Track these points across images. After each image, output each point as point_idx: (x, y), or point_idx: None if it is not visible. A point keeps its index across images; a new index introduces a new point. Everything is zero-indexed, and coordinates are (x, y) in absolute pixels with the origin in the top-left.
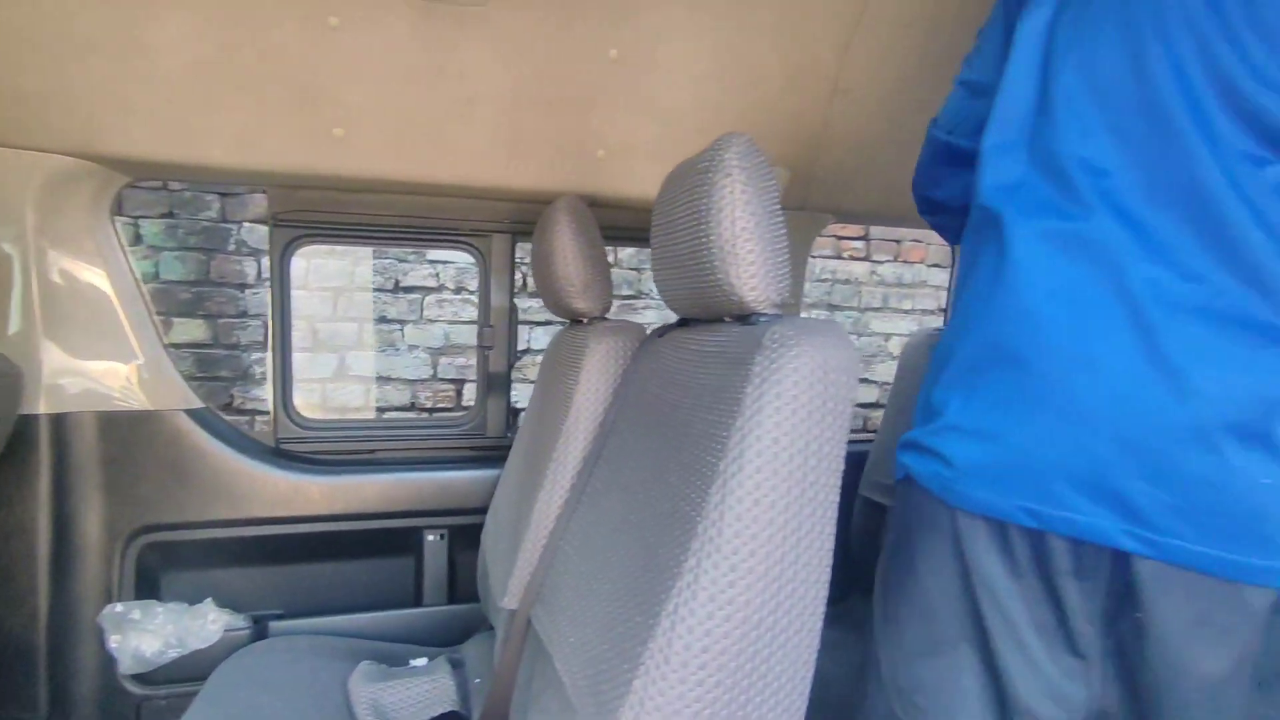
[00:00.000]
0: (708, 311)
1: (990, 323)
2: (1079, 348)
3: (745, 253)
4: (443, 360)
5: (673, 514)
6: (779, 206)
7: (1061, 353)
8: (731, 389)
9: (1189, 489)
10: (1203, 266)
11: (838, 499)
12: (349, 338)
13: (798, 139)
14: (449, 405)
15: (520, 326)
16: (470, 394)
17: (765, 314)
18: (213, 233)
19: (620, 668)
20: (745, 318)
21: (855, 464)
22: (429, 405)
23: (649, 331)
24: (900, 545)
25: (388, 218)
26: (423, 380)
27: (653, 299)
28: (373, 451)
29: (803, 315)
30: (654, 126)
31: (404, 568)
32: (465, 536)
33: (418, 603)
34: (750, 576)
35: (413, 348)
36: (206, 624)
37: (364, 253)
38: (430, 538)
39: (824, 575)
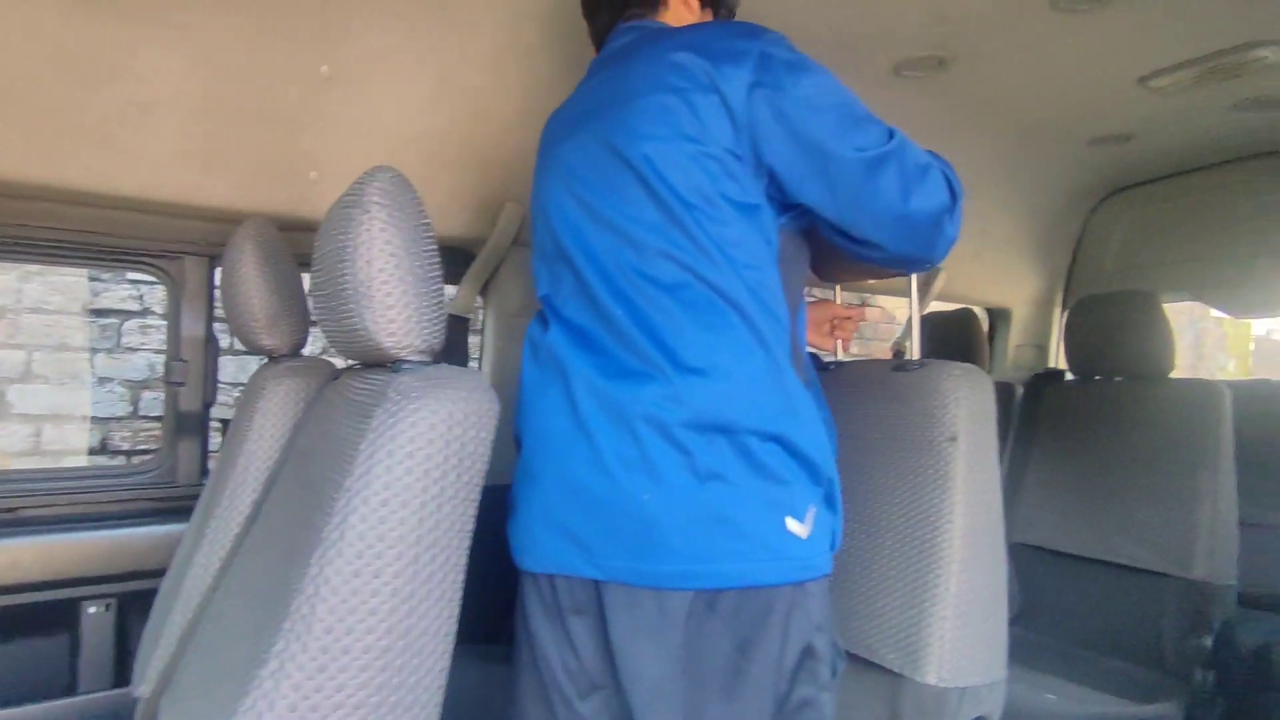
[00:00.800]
0: (359, 355)
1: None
2: (540, 424)
3: (383, 296)
4: (146, 394)
5: (284, 584)
6: (432, 246)
7: (534, 431)
8: (351, 444)
9: (603, 512)
10: (602, 343)
11: (465, 563)
12: (14, 368)
13: (530, 174)
14: (153, 446)
15: (247, 358)
16: None
17: (409, 361)
18: None
19: None
20: (392, 364)
21: None
22: (127, 448)
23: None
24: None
25: (44, 230)
26: (119, 419)
27: None
28: (15, 510)
29: None
30: (376, 152)
31: (54, 649)
32: (142, 605)
33: (71, 691)
34: (345, 658)
35: (105, 380)
36: None
37: (35, 267)
38: (91, 610)
39: (444, 646)
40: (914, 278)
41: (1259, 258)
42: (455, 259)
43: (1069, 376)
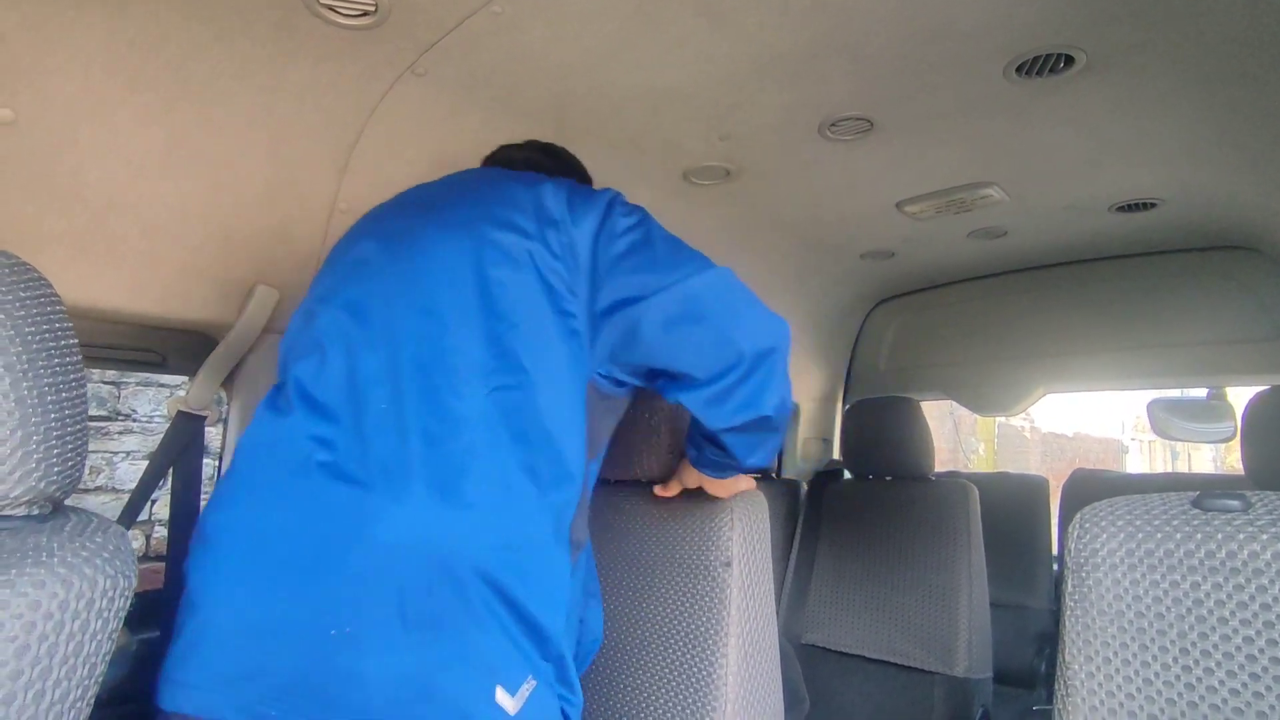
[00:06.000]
0: None
1: None
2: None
3: None
4: None
5: None
6: (68, 358)
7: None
8: None
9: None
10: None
11: None
12: None
13: (293, 258)
14: None
15: None
16: None
17: (8, 518)
18: None
19: None
20: None
21: None
22: None
23: None
24: None
25: None
26: None
27: (135, 421)
28: None
29: None
30: (80, 217)
31: None
32: None
33: None
34: None
35: None
36: None
37: None
38: None
39: None
40: None
41: (993, 363)
42: (191, 346)
43: (847, 475)
